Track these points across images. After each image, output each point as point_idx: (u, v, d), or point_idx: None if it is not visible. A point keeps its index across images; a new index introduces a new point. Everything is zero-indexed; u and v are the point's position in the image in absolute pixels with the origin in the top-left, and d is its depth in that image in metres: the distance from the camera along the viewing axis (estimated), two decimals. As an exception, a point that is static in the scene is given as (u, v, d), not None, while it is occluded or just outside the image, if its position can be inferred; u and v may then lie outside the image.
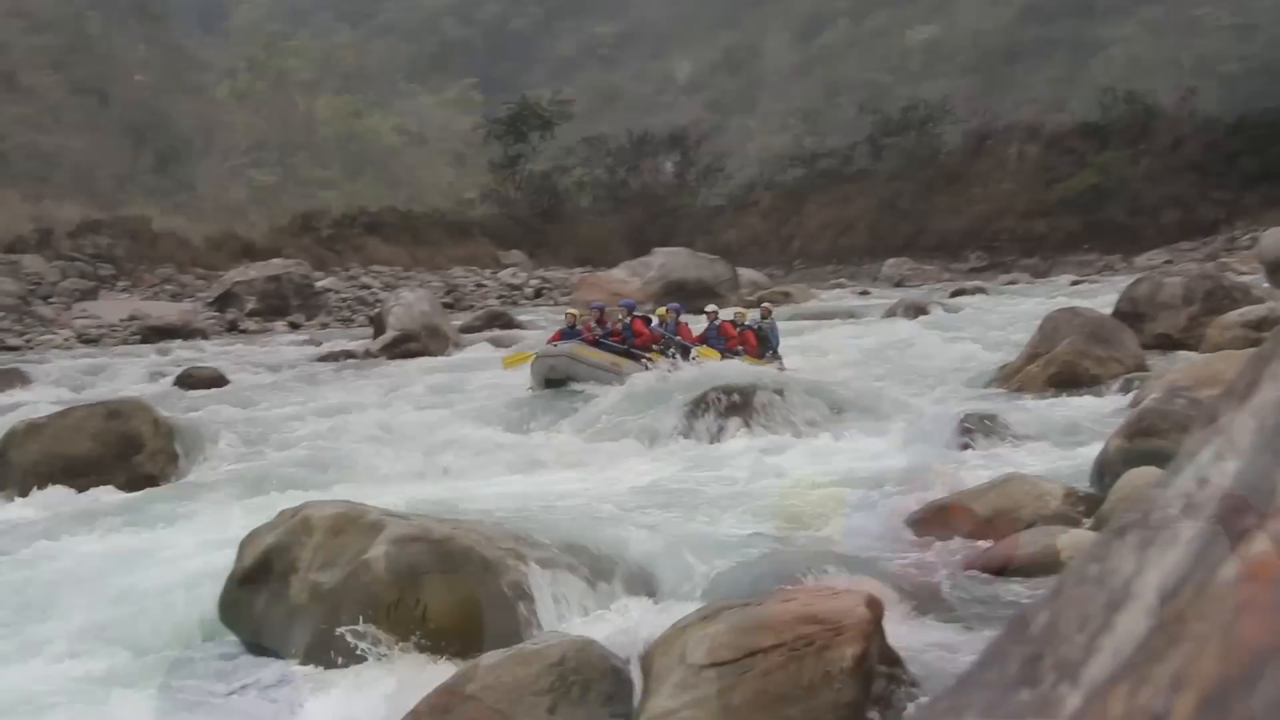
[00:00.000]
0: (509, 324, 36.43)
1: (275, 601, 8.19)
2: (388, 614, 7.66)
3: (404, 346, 28.57)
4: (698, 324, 21.57)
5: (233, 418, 17.59)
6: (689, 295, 39.89)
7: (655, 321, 20.42)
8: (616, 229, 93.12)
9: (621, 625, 6.96)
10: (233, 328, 40.01)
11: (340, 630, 7.73)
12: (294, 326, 41.00)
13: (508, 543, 8.17)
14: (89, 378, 25.55)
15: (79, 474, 13.78)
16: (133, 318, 38.19)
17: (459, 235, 67.85)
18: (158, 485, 14.00)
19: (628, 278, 42.05)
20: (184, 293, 44.64)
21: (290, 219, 56.89)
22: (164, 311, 39.38)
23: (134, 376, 25.86)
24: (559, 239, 78.12)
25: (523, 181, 79.55)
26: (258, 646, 8.31)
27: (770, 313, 22.20)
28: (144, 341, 35.13)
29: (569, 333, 19.73)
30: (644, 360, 18.49)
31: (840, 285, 64.17)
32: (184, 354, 30.45)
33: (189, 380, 24.18)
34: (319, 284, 47.01)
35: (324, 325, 42.10)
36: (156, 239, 48.41)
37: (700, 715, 5.18)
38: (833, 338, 27.65)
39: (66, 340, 35.30)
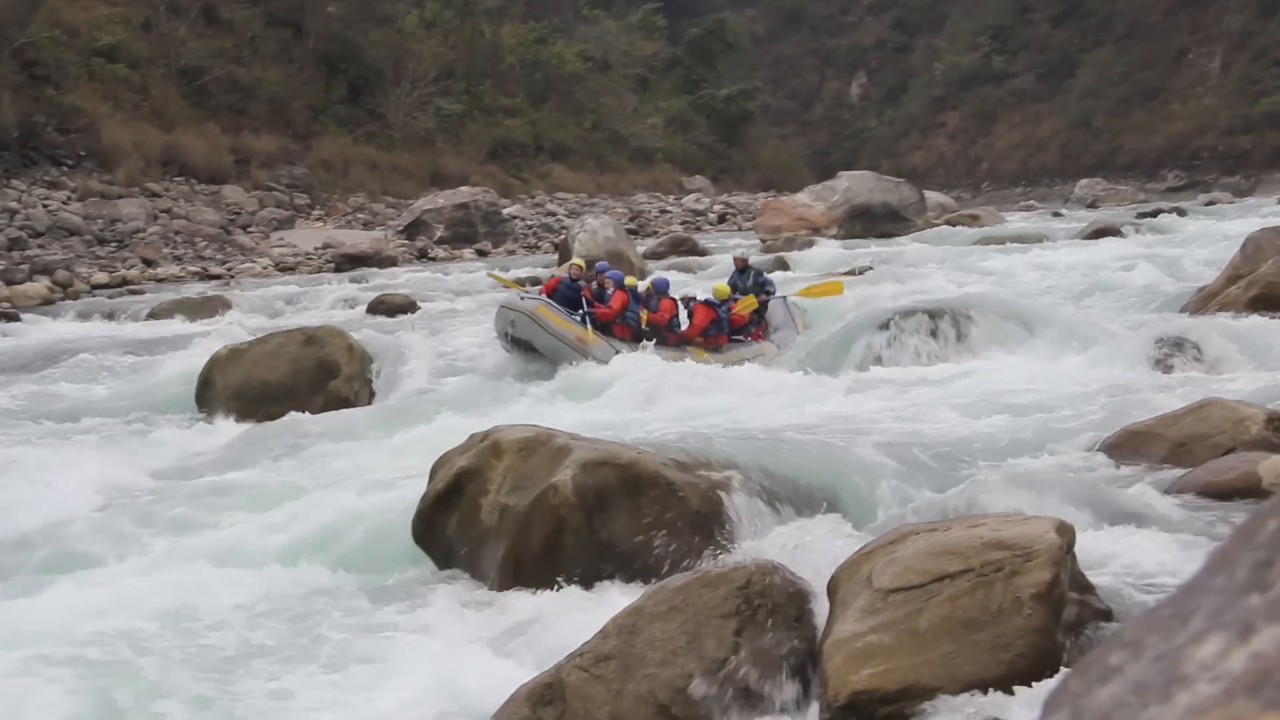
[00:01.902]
0: (692, 250, 36.36)
1: (466, 523, 8.39)
2: (575, 536, 7.79)
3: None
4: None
5: (423, 343, 17.95)
6: (874, 220, 39.43)
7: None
8: (800, 153, 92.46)
9: (807, 549, 6.96)
10: (422, 255, 40.80)
11: (530, 552, 7.90)
12: (481, 254, 41.62)
13: (693, 467, 8.22)
14: (286, 305, 26.38)
15: (277, 398, 14.26)
16: (326, 246, 39.21)
17: (643, 161, 67.99)
18: (352, 409, 14.40)
19: (812, 202, 41.60)
20: (375, 221, 45.66)
21: (477, 147, 57.59)
22: (356, 240, 40.34)
23: (328, 303, 26.60)
24: (742, 164, 77.78)
25: (706, 106, 79.15)
26: (449, 566, 8.53)
27: (745, 263, 18.19)
28: (337, 269, 36.05)
29: (568, 285, 16.39)
30: (612, 343, 15.66)
31: (1030, 207, 62.60)
32: (376, 281, 31.17)
33: (381, 307, 24.78)
34: (505, 211, 47.59)
35: (510, 252, 42.66)
36: (348, 168, 49.51)
37: (886, 639, 5.16)
38: (1023, 261, 27.00)
39: (265, 268, 36.43)
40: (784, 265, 29.51)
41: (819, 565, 6.38)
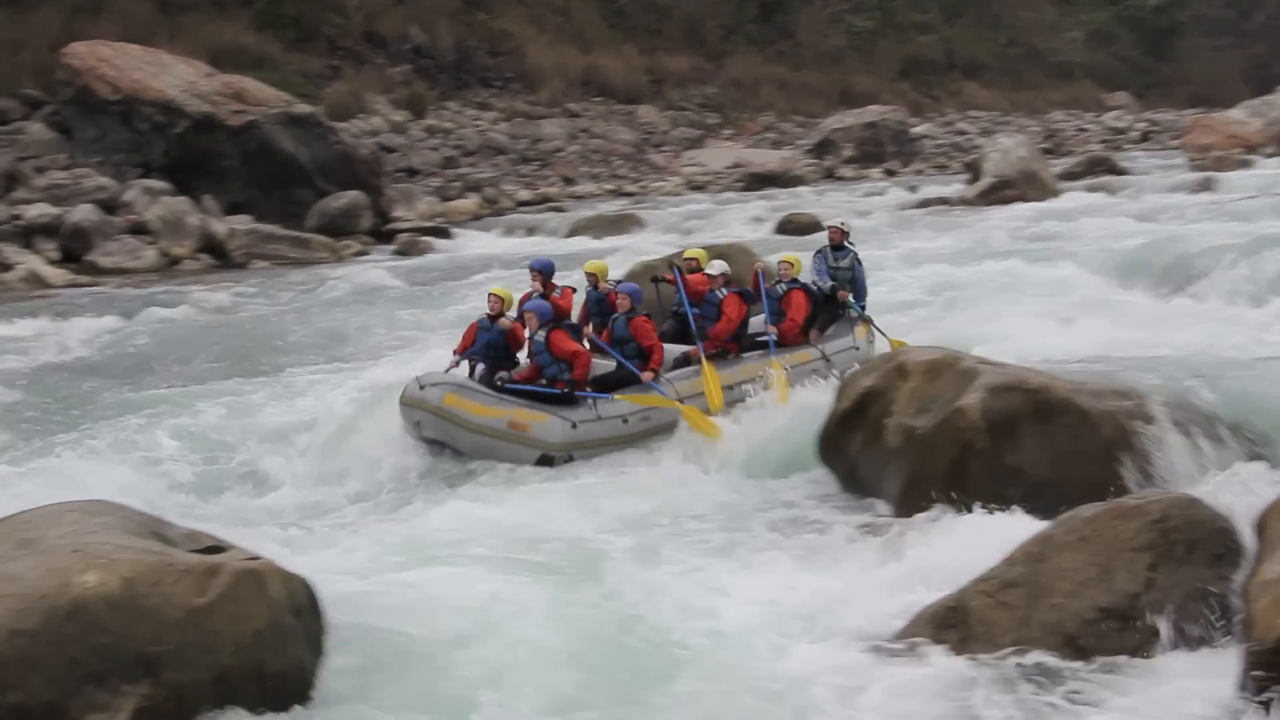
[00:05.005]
0: (1111, 170, 34.71)
1: (869, 443, 8.41)
2: (981, 461, 7.66)
3: (1000, 193, 28.03)
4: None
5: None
6: (1317, 138, 36.43)
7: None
8: (1236, 66, 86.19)
9: (1230, 485, 6.59)
10: (829, 175, 40.73)
11: (933, 475, 7.84)
12: (889, 173, 41.18)
13: (1108, 396, 7.91)
14: (695, 222, 26.92)
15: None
16: (736, 165, 39.70)
17: (1060, 77, 65.28)
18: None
19: (1247, 119, 38.92)
20: (784, 140, 45.85)
21: (887, 64, 56.79)
22: (765, 159, 40.66)
23: (736, 221, 26.94)
24: (1170, 78, 73.38)
25: (1132, 18, 74.97)
26: (852, 485, 8.59)
27: (843, 238, 13.03)
28: (746, 189, 36.45)
29: (488, 331, 10.73)
30: (590, 399, 10.31)
31: None
32: (783, 200, 31.34)
33: (788, 225, 24.97)
34: (914, 130, 46.88)
35: (919, 172, 42.02)
36: (758, 87, 49.84)
37: (1321, 584, 4.85)
38: None
39: (676, 186, 37.29)
40: (1209, 186, 27.73)
41: (1245, 502, 6.03)
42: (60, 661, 4.82)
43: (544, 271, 11.25)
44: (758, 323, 11.78)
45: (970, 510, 7.44)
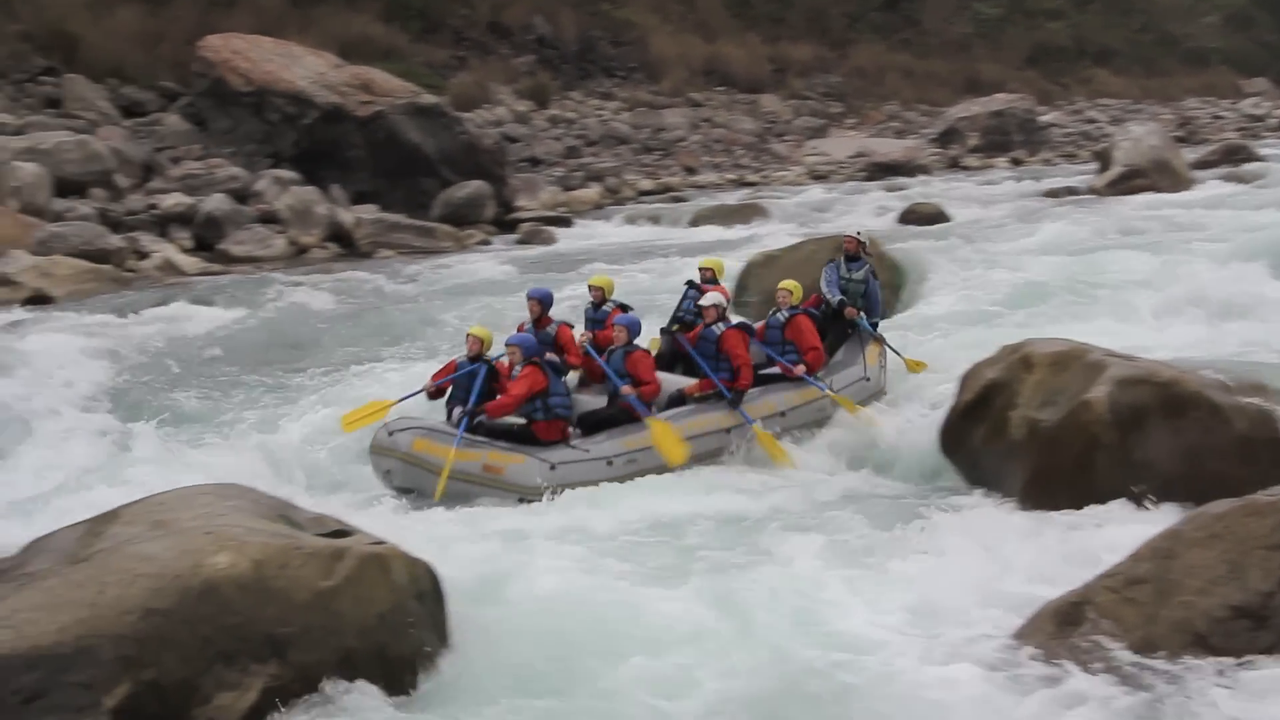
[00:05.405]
0: (1248, 158, 33.79)
1: (993, 436, 8.32)
2: (1107, 455, 7.54)
3: (1130, 183, 27.39)
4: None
5: (953, 253, 17.75)
6: None
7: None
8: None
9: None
10: (954, 164, 40.19)
11: (1058, 469, 7.72)
12: (1016, 163, 40.52)
13: (1241, 390, 7.75)
14: (817, 213, 26.74)
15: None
16: (859, 154, 39.36)
17: (1194, 64, 63.66)
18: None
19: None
20: (908, 129, 45.35)
21: (1015, 52, 55.87)
22: (889, 148, 40.25)
23: (860, 211, 26.69)
24: (1314, 63, 71.31)
25: (1273, 0, 72.79)
26: (974, 478, 8.50)
27: (860, 249, 12.13)
28: (869, 178, 36.13)
29: (466, 372, 9.97)
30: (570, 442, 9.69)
31: None
32: (907, 190, 30.99)
33: (912, 215, 24.71)
34: (1042, 119, 46.07)
35: (1046, 161, 41.30)
36: (883, 76, 49.36)
37: None
38: None
39: (798, 176, 37.07)
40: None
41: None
42: (193, 640, 4.95)
43: (542, 301, 10.70)
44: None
45: (1096, 505, 7.34)
